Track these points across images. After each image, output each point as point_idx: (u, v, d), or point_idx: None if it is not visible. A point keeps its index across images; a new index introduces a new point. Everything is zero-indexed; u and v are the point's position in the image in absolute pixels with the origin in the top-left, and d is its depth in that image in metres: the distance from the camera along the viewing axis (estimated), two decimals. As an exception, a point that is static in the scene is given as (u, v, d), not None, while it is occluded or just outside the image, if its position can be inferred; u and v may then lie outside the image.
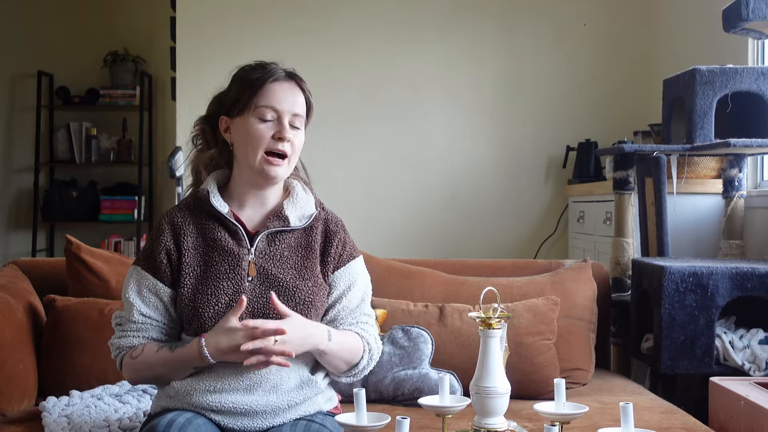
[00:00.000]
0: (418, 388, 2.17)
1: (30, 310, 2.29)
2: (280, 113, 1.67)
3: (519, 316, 2.28)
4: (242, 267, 1.66)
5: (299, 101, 1.70)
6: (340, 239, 1.75)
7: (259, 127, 1.66)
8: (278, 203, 1.73)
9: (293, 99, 1.69)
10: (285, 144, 1.66)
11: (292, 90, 1.69)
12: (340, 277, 1.74)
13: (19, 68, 5.83)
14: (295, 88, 1.70)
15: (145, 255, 1.70)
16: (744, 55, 3.26)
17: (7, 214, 5.90)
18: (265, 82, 1.67)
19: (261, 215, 1.73)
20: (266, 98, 1.66)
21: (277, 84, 1.68)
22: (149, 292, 1.67)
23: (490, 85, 4.38)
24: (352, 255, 1.77)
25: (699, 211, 3.10)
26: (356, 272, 1.77)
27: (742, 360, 2.38)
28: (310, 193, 1.78)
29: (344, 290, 1.74)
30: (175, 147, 3.77)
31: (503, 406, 1.54)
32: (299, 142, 1.70)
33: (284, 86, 1.69)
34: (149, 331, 1.67)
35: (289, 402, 1.65)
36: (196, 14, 4.36)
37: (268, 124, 1.66)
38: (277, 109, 1.67)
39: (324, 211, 1.78)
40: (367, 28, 4.38)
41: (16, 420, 2.00)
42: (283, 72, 1.70)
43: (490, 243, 4.34)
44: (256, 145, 1.65)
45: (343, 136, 4.34)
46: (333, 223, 1.76)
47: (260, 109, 1.66)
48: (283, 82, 1.69)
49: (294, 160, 1.71)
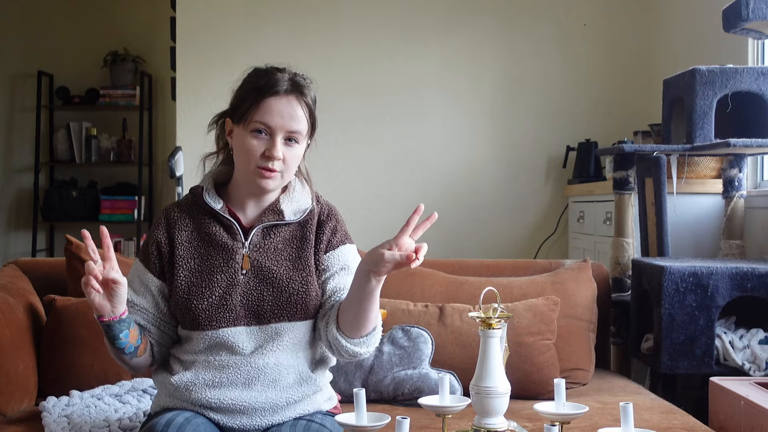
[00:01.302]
0: (418, 388, 2.17)
1: (30, 310, 2.29)
2: (273, 130, 1.66)
3: (519, 316, 2.28)
4: (236, 260, 1.68)
5: (297, 116, 1.67)
6: (330, 226, 1.75)
7: (252, 143, 1.66)
8: (275, 199, 1.74)
9: (290, 115, 1.67)
10: (275, 162, 1.66)
11: (290, 105, 1.67)
12: (331, 259, 1.73)
13: (19, 68, 5.84)
14: (295, 102, 1.68)
15: (142, 247, 1.75)
16: (744, 55, 3.26)
17: (7, 214, 5.90)
18: (264, 97, 1.66)
19: (257, 211, 1.74)
20: (261, 114, 1.66)
21: (275, 99, 1.66)
22: (140, 281, 1.72)
23: (490, 84, 4.38)
24: (343, 241, 1.76)
25: (699, 211, 3.10)
26: (348, 257, 1.75)
27: (742, 360, 2.38)
28: (308, 188, 1.78)
29: (337, 271, 1.72)
30: (175, 147, 3.78)
31: (503, 406, 1.54)
32: (293, 156, 1.69)
33: (283, 101, 1.67)
34: (134, 315, 1.69)
35: (287, 399, 1.66)
36: (196, 14, 4.35)
37: (260, 139, 1.66)
38: (270, 126, 1.66)
39: (319, 203, 1.78)
40: (367, 26, 4.38)
41: (16, 420, 2.00)
42: (287, 84, 1.67)
43: (490, 243, 4.34)
44: (247, 160, 1.67)
45: (344, 136, 4.34)
46: (325, 213, 1.76)
47: (254, 124, 1.66)
48: (282, 97, 1.67)
49: (288, 173, 1.70)
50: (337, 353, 1.68)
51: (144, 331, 1.69)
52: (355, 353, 1.65)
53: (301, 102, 1.69)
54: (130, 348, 1.64)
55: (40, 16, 5.84)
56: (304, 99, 1.69)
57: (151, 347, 1.71)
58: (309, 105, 1.71)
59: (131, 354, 1.65)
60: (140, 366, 1.71)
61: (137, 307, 1.70)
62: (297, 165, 1.72)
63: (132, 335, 1.63)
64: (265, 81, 1.68)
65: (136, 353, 1.66)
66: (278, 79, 1.68)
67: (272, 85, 1.67)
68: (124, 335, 1.61)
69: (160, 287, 1.70)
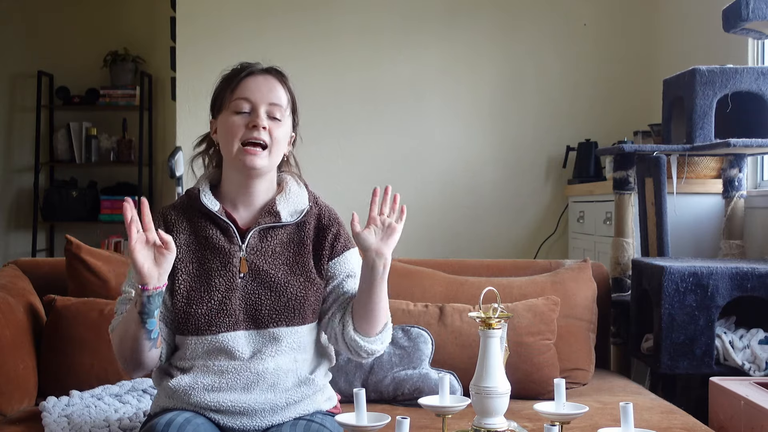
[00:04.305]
0: (418, 388, 2.17)
1: (30, 310, 2.29)
2: (255, 103, 1.67)
3: (519, 316, 2.28)
4: (233, 264, 1.66)
5: (277, 92, 1.69)
6: (333, 232, 1.75)
7: (234, 119, 1.66)
8: (270, 199, 1.73)
9: (269, 89, 1.69)
10: (261, 132, 1.65)
11: (267, 82, 1.70)
12: (337, 266, 1.73)
13: (19, 68, 5.83)
14: (272, 80, 1.70)
15: None
16: (744, 55, 3.26)
17: (7, 214, 5.90)
18: (240, 77, 1.69)
19: (253, 212, 1.73)
20: (240, 91, 1.68)
21: (251, 78, 1.69)
22: None
23: (490, 84, 4.38)
24: (347, 246, 1.76)
25: (699, 211, 3.10)
26: (353, 263, 1.75)
27: (742, 360, 2.38)
28: (304, 188, 1.77)
29: (344, 279, 1.73)
30: (175, 147, 3.77)
31: (503, 406, 1.54)
32: (280, 134, 1.69)
33: (259, 79, 1.69)
34: None
35: (287, 400, 1.65)
36: (196, 14, 4.36)
37: (243, 115, 1.67)
38: (251, 100, 1.67)
39: (317, 205, 1.77)
40: (367, 26, 4.38)
41: (16, 420, 2.00)
42: (261, 67, 1.71)
43: (490, 243, 4.34)
44: (231, 137, 1.66)
45: (344, 136, 4.34)
46: (326, 217, 1.76)
47: (235, 102, 1.67)
48: (258, 76, 1.70)
49: (276, 152, 1.69)
50: (356, 354, 1.70)
51: None
52: (373, 351, 1.69)
53: (279, 80, 1.71)
54: (155, 333, 1.56)
55: (40, 16, 5.84)
56: (282, 79, 1.72)
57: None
58: (288, 87, 1.72)
59: (153, 341, 1.57)
60: (152, 361, 1.63)
61: None
62: (284, 146, 1.72)
63: (158, 320, 1.57)
64: (239, 68, 1.71)
65: (156, 342, 1.59)
66: (250, 64, 1.72)
67: (247, 68, 1.71)
68: (156, 314, 1.54)
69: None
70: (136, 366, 1.62)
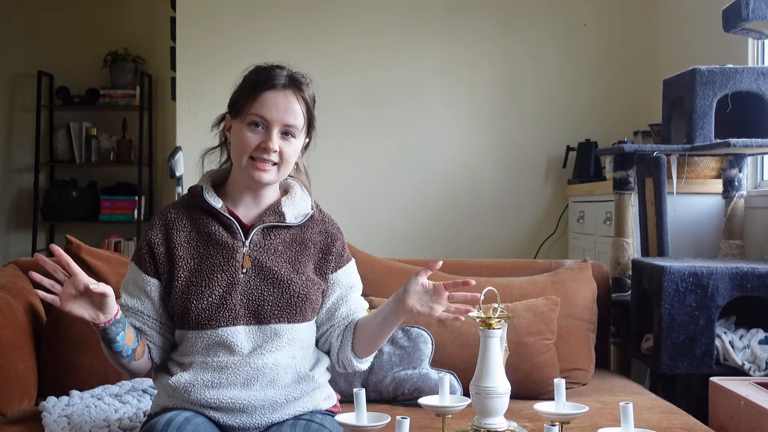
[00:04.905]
0: (418, 388, 2.17)
1: (30, 310, 2.29)
2: (270, 123, 1.67)
3: (519, 316, 2.28)
4: (236, 259, 1.67)
5: (294, 110, 1.69)
6: (341, 242, 1.80)
7: (248, 135, 1.67)
8: (275, 201, 1.75)
9: (286, 108, 1.68)
10: (271, 154, 1.67)
11: (287, 99, 1.68)
12: (341, 278, 1.78)
13: (19, 68, 5.84)
14: (292, 96, 1.69)
15: (136, 251, 1.75)
16: (744, 55, 3.26)
17: (7, 214, 5.90)
18: (262, 90, 1.68)
19: (257, 211, 1.74)
20: (258, 107, 1.67)
21: (272, 93, 1.67)
22: (134, 284, 1.71)
23: (490, 84, 4.38)
24: (348, 257, 1.82)
25: (699, 211, 3.10)
26: (353, 275, 1.82)
27: (742, 360, 2.38)
28: (308, 195, 1.80)
29: (347, 290, 1.78)
30: (175, 147, 3.78)
31: (503, 406, 1.54)
32: (291, 150, 1.70)
33: (279, 95, 1.68)
34: (131, 320, 1.68)
35: (287, 396, 1.66)
36: (196, 14, 4.36)
37: (257, 132, 1.67)
38: (266, 119, 1.67)
39: (321, 213, 1.80)
40: (367, 26, 4.38)
41: (16, 420, 2.00)
42: (284, 79, 1.69)
43: (490, 243, 4.34)
44: (243, 150, 1.67)
45: (344, 136, 4.34)
46: (332, 226, 1.80)
47: (251, 117, 1.67)
48: (279, 91, 1.68)
49: (285, 167, 1.71)
50: (342, 368, 1.79)
51: (143, 335, 1.69)
52: (359, 369, 1.78)
53: (298, 97, 1.70)
54: (127, 351, 1.63)
55: (40, 16, 5.84)
56: (302, 94, 1.71)
57: (149, 351, 1.70)
58: (306, 101, 1.71)
59: (129, 357, 1.64)
60: (140, 370, 1.70)
61: (135, 311, 1.69)
62: (294, 161, 1.73)
63: (128, 337, 1.62)
64: (263, 76, 1.69)
65: (134, 356, 1.65)
66: (276, 74, 1.69)
67: (269, 80, 1.68)
68: (120, 338, 1.60)
69: (157, 288, 1.69)
70: (128, 373, 1.72)
